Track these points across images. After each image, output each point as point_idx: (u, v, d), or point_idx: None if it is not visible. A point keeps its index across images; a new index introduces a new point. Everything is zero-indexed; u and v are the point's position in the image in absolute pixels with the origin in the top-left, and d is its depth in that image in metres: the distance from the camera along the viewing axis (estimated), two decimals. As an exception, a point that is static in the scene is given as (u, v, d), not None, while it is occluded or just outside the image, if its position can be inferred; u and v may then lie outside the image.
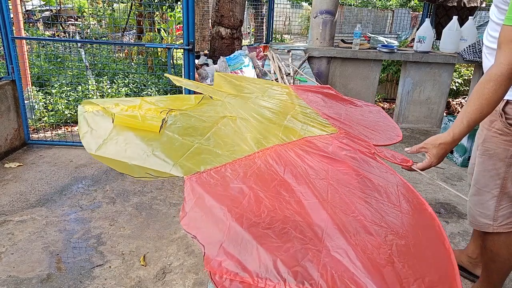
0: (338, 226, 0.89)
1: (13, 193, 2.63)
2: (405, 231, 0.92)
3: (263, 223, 0.88)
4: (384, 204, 1.01)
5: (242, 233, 0.84)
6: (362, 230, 0.89)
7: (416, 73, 4.34)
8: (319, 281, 0.74)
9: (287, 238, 0.84)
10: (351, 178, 1.11)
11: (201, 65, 3.47)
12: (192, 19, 2.94)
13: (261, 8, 5.38)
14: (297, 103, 1.75)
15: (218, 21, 3.72)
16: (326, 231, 0.87)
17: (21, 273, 1.89)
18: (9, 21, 3.11)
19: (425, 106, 4.45)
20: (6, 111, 3.17)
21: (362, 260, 0.79)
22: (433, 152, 1.26)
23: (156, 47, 5.43)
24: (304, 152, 1.24)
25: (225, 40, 3.75)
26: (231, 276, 0.75)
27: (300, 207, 0.96)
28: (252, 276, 0.74)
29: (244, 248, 0.80)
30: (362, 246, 0.83)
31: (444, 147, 1.25)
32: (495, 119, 1.35)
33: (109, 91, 4.43)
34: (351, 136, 1.42)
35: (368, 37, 4.90)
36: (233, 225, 0.86)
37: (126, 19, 7.09)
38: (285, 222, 0.89)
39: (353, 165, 1.18)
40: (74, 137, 3.65)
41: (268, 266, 0.76)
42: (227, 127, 1.39)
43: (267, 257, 0.78)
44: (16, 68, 3.22)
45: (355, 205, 0.98)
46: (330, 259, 0.79)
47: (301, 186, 1.05)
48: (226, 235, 0.83)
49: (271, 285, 0.73)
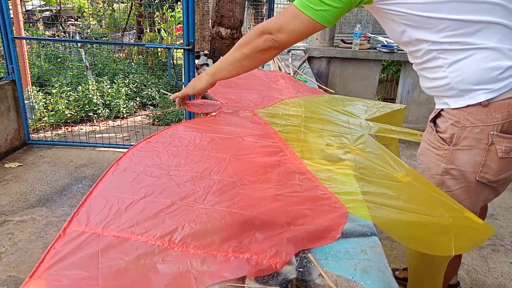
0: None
1: (13, 193, 2.63)
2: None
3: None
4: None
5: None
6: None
7: (416, 73, 4.32)
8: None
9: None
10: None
11: (201, 65, 3.48)
12: (192, 19, 2.94)
13: (261, 8, 5.38)
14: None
15: (218, 21, 3.72)
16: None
17: (21, 273, 1.89)
18: (9, 21, 3.11)
19: (425, 106, 4.45)
20: (6, 111, 3.17)
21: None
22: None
23: (156, 47, 5.43)
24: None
25: (225, 40, 3.75)
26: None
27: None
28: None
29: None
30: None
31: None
32: (431, 131, 1.18)
33: (109, 91, 4.44)
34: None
35: (368, 37, 4.89)
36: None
37: (126, 19, 7.10)
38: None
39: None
40: (74, 137, 3.66)
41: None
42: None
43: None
44: (16, 68, 3.22)
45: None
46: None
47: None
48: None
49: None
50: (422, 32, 1.03)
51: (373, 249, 0.83)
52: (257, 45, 1.21)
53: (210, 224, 0.82)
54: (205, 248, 0.77)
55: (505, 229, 2.44)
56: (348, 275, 0.75)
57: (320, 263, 0.78)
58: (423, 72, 1.14)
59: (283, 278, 0.73)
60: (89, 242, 0.75)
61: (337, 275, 0.75)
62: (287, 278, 0.73)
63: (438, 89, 1.09)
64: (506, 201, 2.77)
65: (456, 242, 0.90)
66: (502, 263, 2.11)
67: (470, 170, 1.08)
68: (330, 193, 1.01)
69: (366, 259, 0.80)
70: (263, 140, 1.31)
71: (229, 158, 1.14)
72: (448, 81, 1.04)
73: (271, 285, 0.71)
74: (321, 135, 1.40)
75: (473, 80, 1.01)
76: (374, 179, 1.10)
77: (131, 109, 4.52)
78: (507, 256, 2.17)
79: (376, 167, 1.16)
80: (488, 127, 1.03)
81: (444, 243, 0.91)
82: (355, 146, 1.31)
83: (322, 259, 0.80)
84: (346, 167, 1.16)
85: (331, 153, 1.26)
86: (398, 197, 1.00)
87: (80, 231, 0.78)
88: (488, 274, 2.02)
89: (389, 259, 0.84)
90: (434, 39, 1.02)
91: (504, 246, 2.26)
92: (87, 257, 0.71)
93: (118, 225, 0.80)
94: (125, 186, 0.95)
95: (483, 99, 1.01)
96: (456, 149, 1.09)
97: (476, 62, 1.00)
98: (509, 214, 2.62)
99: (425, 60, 1.08)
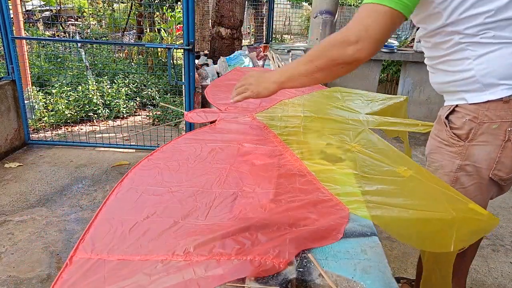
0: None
1: (13, 193, 2.63)
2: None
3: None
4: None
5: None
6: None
7: (416, 73, 4.34)
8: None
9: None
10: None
11: (201, 65, 3.47)
12: (192, 19, 2.94)
13: (261, 8, 5.38)
14: None
15: (218, 21, 3.72)
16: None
17: (21, 273, 1.89)
18: (9, 21, 3.11)
19: (425, 106, 4.45)
20: (6, 111, 3.17)
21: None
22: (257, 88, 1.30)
23: (156, 47, 5.43)
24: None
25: (225, 40, 3.75)
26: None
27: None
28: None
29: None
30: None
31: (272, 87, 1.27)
32: (442, 128, 1.17)
33: (109, 91, 4.44)
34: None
35: (368, 37, 4.89)
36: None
37: (126, 19, 7.10)
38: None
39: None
40: (74, 137, 3.66)
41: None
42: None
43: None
44: (16, 68, 3.22)
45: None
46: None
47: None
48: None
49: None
50: (460, 25, 1.01)
51: (373, 249, 0.83)
52: (336, 58, 1.06)
53: (212, 235, 0.83)
54: (208, 254, 0.77)
55: (505, 229, 2.44)
56: (348, 275, 0.75)
57: (320, 263, 0.78)
58: (443, 65, 1.11)
59: (283, 278, 0.73)
60: (95, 268, 0.76)
61: (337, 275, 0.75)
62: (287, 278, 0.73)
63: (458, 83, 1.08)
64: (506, 201, 2.77)
65: (457, 235, 0.89)
66: (502, 263, 2.11)
67: (484, 166, 1.08)
68: (331, 195, 1.01)
69: (366, 259, 0.80)
70: (263, 145, 1.31)
71: (229, 168, 1.15)
72: (473, 74, 1.03)
73: (271, 285, 0.71)
74: (320, 134, 1.40)
75: (498, 74, 1.00)
76: (375, 176, 1.10)
77: (131, 109, 4.52)
78: (507, 256, 2.17)
79: (377, 163, 1.15)
80: (506, 123, 1.03)
81: (444, 240, 0.91)
82: (356, 142, 1.30)
83: (322, 259, 0.80)
84: (347, 167, 1.16)
85: (331, 152, 1.25)
86: (399, 193, 1.00)
87: (86, 258, 0.79)
88: (488, 274, 2.02)
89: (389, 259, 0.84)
90: (468, 32, 1.01)
91: (504, 246, 2.26)
92: (94, 283, 0.72)
93: (122, 249, 0.81)
94: (128, 207, 0.96)
95: (505, 94, 1.00)
96: (472, 145, 1.08)
97: (504, 56, 1.00)
98: (509, 214, 2.62)
99: (450, 52, 1.06)
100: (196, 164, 1.18)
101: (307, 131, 1.44)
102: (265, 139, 1.37)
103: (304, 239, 0.83)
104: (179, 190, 1.03)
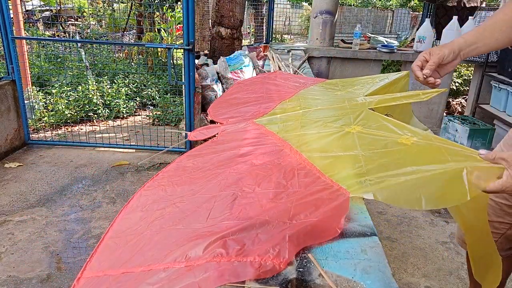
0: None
1: (13, 193, 2.63)
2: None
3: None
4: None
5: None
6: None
7: (416, 73, 4.33)
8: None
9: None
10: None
11: (201, 65, 3.47)
12: (192, 19, 2.94)
13: (261, 8, 5.38)
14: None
15: (218, 21, 3.72)
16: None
17: (21, 273, 1.89)
18: (9, 21, 3.11)
19: (425, 106, 4.45)
20: (6, 111, 3.17)
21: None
22: None
23: (156, 47, 5.43)
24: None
25: (225, 40, 3.75)
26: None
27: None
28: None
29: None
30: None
31: None
32: None
33: (109, 91, 4.44)
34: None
35: (368, 37, 4.90)
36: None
37: (126, 19, 7.09)
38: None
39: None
40: (74, 137, 3.66)
41: None
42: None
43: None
44: (16, 68, 3.22)
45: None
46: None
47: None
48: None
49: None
50: None
51: (373, 249, 0.83)
52: None
53: (212, 237, 0.84)
54: (208, 257, 0.78)
55: None
56: (348, 275, 0.75)
57: (320, 263, 0.78)
58: None
59: (283, 278, 0.73)
60: (101, 283, 0.78)
61: (337, 275, 0.75)
62: (287, 278, 0.73)
63: None
64: None
65: (470, 181, 0.81)
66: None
67: None
68: (332, 181, 1.00)
69: (366, 259, 0.80)
70: (261, 144, 1.31)
71: (229, 171, 1.15)
72: None
73: (271, 285, 0.71)
74: (319, 125, 1.38)
75: None
76: (376, 151, 1.06)
77: (131, 109, 4.52)
78: (507, 256, 2.17)
79: (378, 139, 1.12)
80: None
81: (458, 190, 0.82)
82: (355, 124, 1.28)
83: (322, 259, 0.80)
84: (347, 150, 1.13)
85: (330, 139, 1.24)
86: (403, 163, 0.95)
87: (93, 276, 0.81)
88: None
89: (389, 259, 0.84)
90: None
91: None
92: None
93: (126, 264, 0.83)
94: (133, 226, 0.98)
95: None
96: None
97: None
98: None
99: None
100: (197, 173, 1.20)
101: (306, 124, 1.43)
102: (264, 138, 1.37)
103: (304, 235, 0.83)
104: (181, 201, 1.05)
